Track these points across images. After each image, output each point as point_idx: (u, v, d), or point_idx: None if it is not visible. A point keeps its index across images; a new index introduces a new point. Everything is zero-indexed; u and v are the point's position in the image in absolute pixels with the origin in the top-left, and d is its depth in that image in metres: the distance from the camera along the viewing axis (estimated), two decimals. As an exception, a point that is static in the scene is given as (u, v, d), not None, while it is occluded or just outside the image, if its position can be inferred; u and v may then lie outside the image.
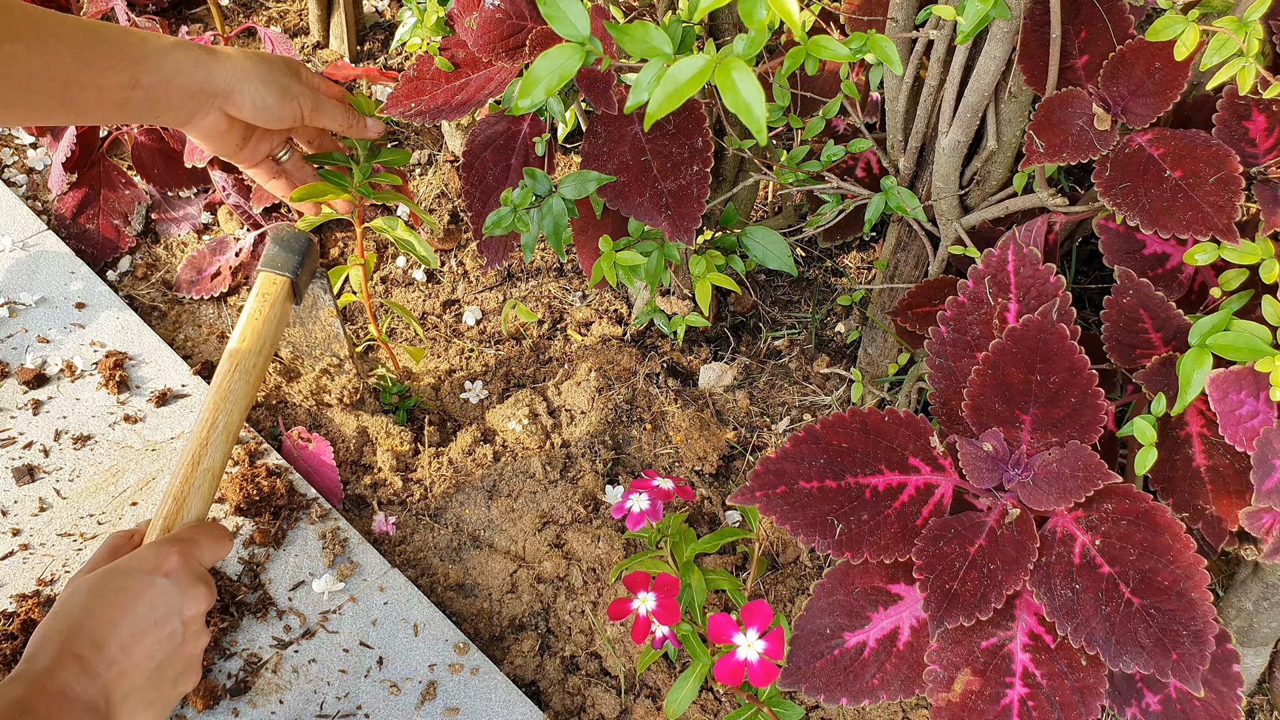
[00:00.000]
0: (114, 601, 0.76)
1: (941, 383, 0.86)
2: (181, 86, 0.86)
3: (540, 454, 1.26)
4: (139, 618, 0.76)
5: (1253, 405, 0.76)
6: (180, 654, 0.78)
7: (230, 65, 0.89)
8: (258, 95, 0.90)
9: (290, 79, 0.93)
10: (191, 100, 0.88)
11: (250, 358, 0.94)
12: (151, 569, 0.79)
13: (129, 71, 0.83)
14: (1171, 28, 0.77)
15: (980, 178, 1.05)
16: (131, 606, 0.76)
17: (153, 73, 0.84)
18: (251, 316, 0.97)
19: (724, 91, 0.67)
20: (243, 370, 0.93)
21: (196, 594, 0.80)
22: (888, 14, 0.99)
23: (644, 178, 0.94)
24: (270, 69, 0.92)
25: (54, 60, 0.79)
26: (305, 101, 0.94)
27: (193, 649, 0.80)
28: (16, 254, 1.44)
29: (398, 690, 1.04)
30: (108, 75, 0.82)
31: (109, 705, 0.73)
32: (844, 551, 0.78)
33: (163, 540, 0.82)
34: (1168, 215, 0.81)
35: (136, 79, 0.83)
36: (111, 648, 0.74)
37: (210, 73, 0.88)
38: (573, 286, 1.48)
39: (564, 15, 0.78)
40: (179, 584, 0.79)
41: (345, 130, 1.01)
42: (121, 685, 0.74)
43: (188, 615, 0.79)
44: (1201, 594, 0.71)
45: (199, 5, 1.86)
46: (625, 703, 1.07)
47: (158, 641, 0.76)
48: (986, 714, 0.75)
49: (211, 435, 0.89)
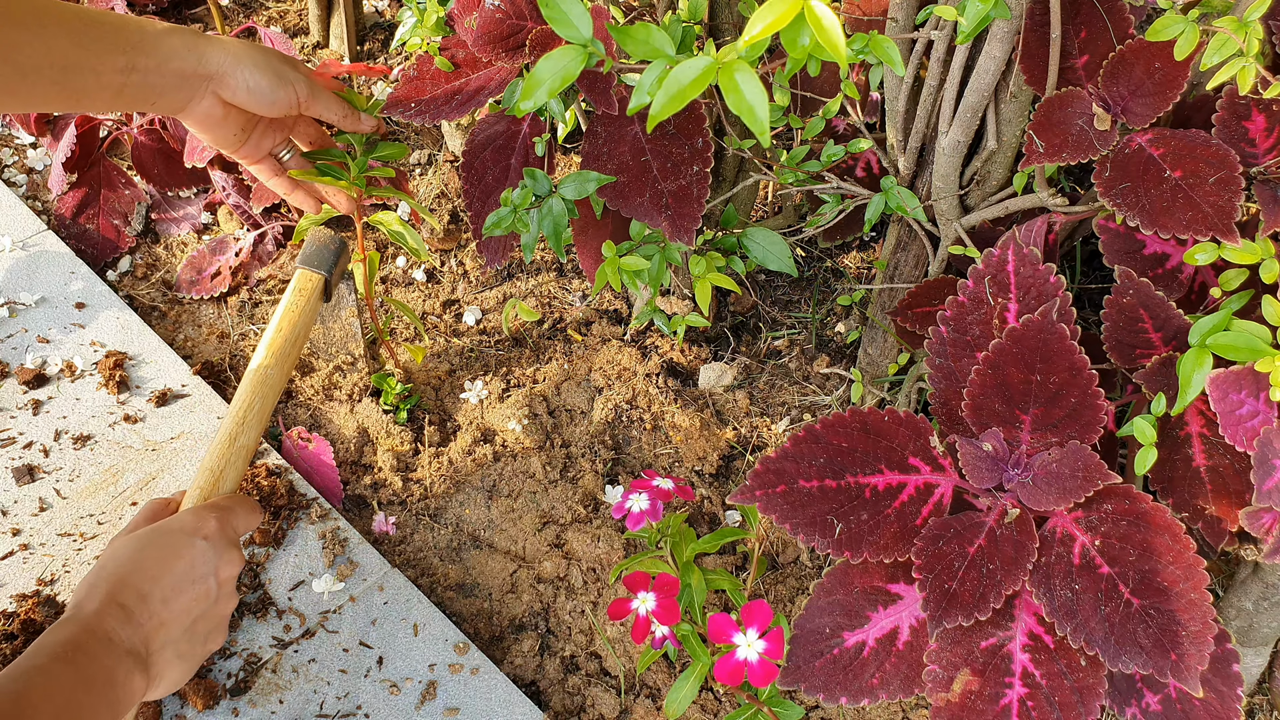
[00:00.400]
0: (157, 558, 0.81)
1: (941, 383, 0.86)
2: (176, 70, 0.88)
3: (540, 454, 1.26)
4: (179, 575, 0.81)
5: (1253, 405, 0.76)
6: (213, 612, 0.84)
7: (223, 49, 0.90)
8: (251, 78, 0.91)
9: (284, 65, 0.94)
10: (186, 84, 0.89)
11: (286, 346, 1.00)
12: (192, 531, 0.84)
13: (125, 55, 0.84)
14: (1171, 28, 0.77)
15: (980, 178, 1.05)
16: (173, 564, 0.81)
17: (148, 56, 0.86)
18: (289, 309, 1.03)
19: (727, 93, 0.67)
20: (279, 358, 0.99)
21: (231, 557, 0.85)
22: (888, 14, 0.99)
23: (644, 178, 0.94)
24: (264, 54, 0.93)
25: (54, 44, 0.81)
26: (301, 88, 0.95)
27: (224, 609, 0.85)
28: (16, 254, 1.44)
29: (398, 690, 1.04)
30: (105, 59, 0.83)
31: (148, 653, 0.77)
32: (844, 551, 0.78)
33: (202, 505, 0.88)
34: (1168, 215, 0.81)
35: (133, 63, 0.85)
36: (154, 600, 0.79)
37: (203, 56, 0.89)
38: (573, 286, 1.48)
39: (566, 17, 0.78)
40: (216, 546, 0.84)
41: (340, 122, 1.01)
42: (160, 636, 0.79)
43: (222, 576, 0.84)
44: (1201, 594, 0.71)
45: (199, 5, 1.86)
46: (625, 703, 1.07)
47: (195, 599, 0.82)
48: (986, 714, 0.75)
49: (248, 416, 0.95)
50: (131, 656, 0.76)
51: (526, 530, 1.19)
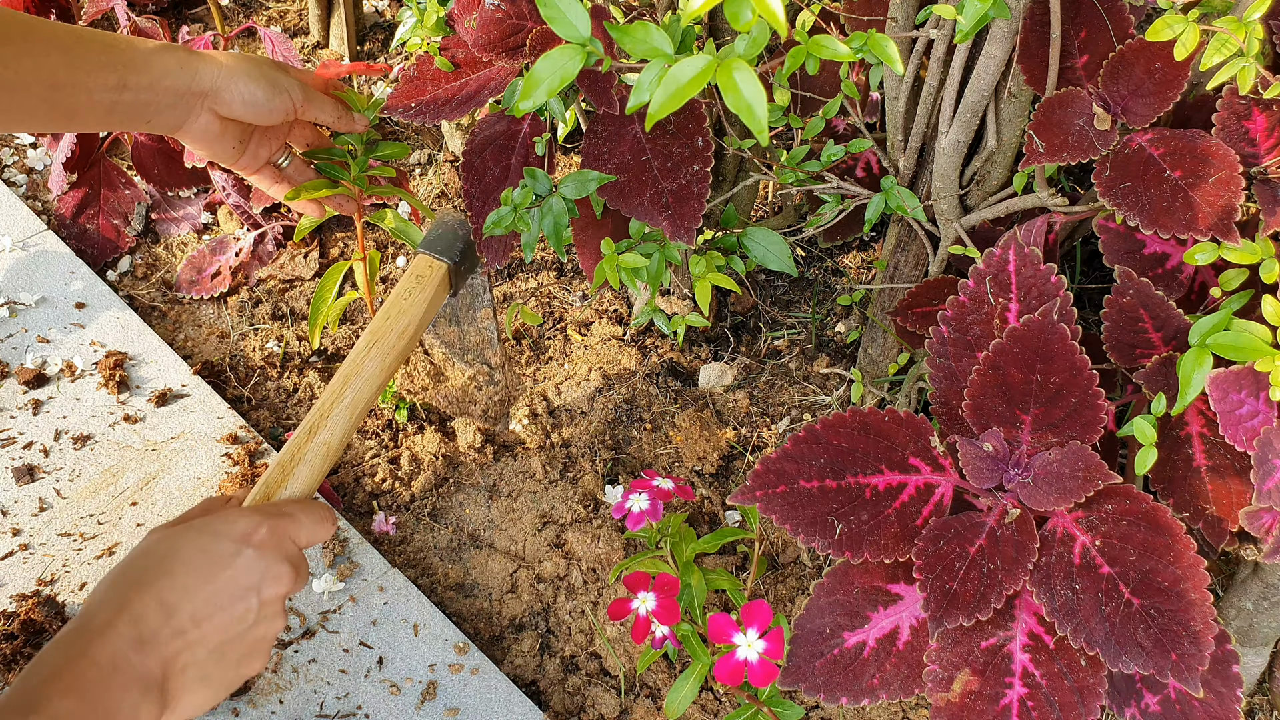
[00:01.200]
0: (194, 566, 0.71)
1: (942, 382, 0.86)
2: (170, 88, 0.87)
3: (540, 454, 1.25)
4: (217, 590, 0.71)
5: (1253, 405, 0.76)
6: (250, 635, 0.73)
7: (215, 65, 0.89)
8: (245, 91, 0.90)
9: (277, 72, 0.93)
10: (181, 102, 0.88)
11: (391, 338, 0.88)
12: (240, 537, 0.74)
13: (117, 73, 0.83)
14: (1171, 28, 0.77)
15: (980, 178, 1.05)
16: (212, 576, 0.71)
17: (140, 74, 0.85)
18: (399, 296, 0.91)
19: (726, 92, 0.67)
20: (380, 350, 0.87)
21: (279, 573, 0.74)
22: (888, 14, 0.99)
23: (644, 177, 0.94)
24: (256, 64, 0.92)
25: (43, 62, 0.80)
26: (295, 94, 0.94)
27: (264, 632, 0.74)
28: (16, 254, 1.44)
29: (398, 690, 1.04)
30: (95, 76, 0.82)
31: (165, 676, 0.68)
32: (844, 551, 0.78)
33: (259, 508, 0.77)
34: (1168, 215, 0.81)
35: (124, 80, 0.84)
36: (181, 615, 0.69)
37: (196, 73, 0.88)
38: (573, 286, 1.48)
39: (564, 16, 0.78)
40: (265, 559, 0.74)
41: (335, 124, 1.01)
42: (183, 657, 0.69)
43: (265, 596, 0.73)
44: (1201, 594, 0.71)
45: (199, 5, 1.86)
46: (625, 703, 1.07)
47: (231, 618, 0.72)
48: (986, 714, 0.75)
49: (335, 409, 0.84)
50: (141, 685, 0.66)
51: (527, 530, 1.19)
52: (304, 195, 1.02)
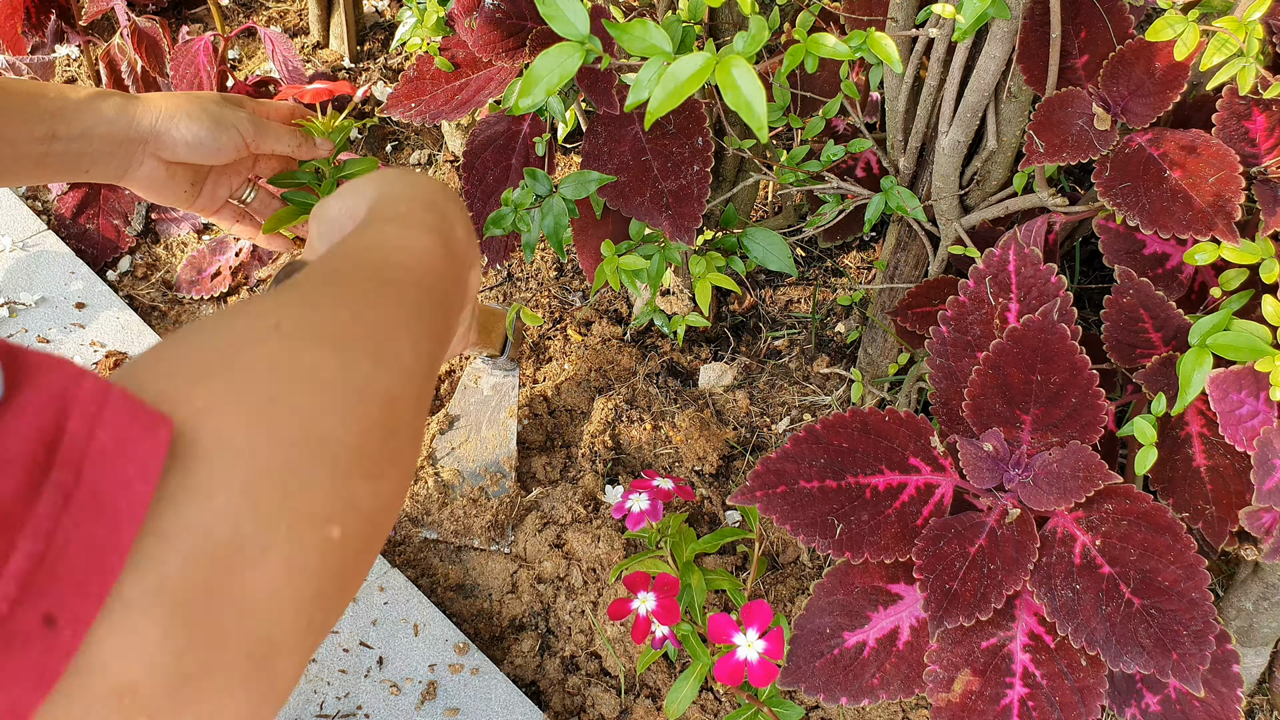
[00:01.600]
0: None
1: (942, 383, 0.86)
2: (104, 136, 0.82)
3: (540, 454, 1.25)
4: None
5: (1253, 405, 0.76)
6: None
7: (153, 108, 0.84)
8: (187, 132, 0.85)
9: (223, 108, 0.88)
10: (120, 149, 0.83)
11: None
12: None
13: (44, 124, 0.78)
14: (1172, 28, 0.77)
15: (980, 178, 1.05)
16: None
17: (71, 123, 0.80)
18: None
19: (725, 89, 0.67)
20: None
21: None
22: (888, 13, 0.99)
23: (644, 177, 0.94)
24: (197, 102, 0.87)
25: None
26: (245, 128, 0.88)
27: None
28: (16, 254, 1.44)
29: (398, 690, 1.04)
30: (20, 129, 0.77)
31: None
32: (844, 551, 0.78)
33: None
34: (1168, 215, 0.81)
35: (53, 130, 0.79)
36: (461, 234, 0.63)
37: (133, 119, 0.83)
38: (573, 286, 1.48)
39: (563, 14, 0.78)
40: None
41: (295, 152, 0.95)
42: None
43: None
44: (1202, 594, 0.71)
45: (199, 5, 1.86)
46: (625, 703, 1.07)
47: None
48: (986, 714, 0.75)
49: None
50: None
51: (526, 530, 1.19)
52: (272, 228, 0.96)
